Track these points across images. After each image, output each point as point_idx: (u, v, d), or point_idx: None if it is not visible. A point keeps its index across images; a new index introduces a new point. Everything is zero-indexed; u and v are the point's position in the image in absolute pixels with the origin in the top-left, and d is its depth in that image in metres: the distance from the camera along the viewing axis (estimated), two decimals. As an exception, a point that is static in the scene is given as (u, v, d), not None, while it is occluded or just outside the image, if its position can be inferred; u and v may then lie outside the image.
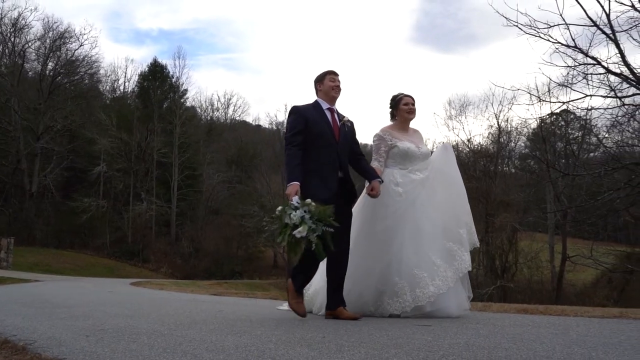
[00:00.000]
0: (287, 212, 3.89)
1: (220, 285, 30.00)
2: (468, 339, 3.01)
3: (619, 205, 13.93)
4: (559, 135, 27.84)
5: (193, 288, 16.04)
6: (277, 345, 2.85)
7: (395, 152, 4.75)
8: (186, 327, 3.74)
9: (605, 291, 23.79)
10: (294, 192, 4.08)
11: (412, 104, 4.90)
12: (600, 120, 14.93)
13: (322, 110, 4.48)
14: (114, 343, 2.95)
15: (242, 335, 3.27)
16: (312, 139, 4.31)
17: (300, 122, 4.34)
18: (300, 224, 3.81)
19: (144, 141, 43.89)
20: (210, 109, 57.63)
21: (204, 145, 47.93)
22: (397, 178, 4.65)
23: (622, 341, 2.93)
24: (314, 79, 4.65)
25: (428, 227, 4.48)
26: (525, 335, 3.19)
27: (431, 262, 4.36)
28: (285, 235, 3.87)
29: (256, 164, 46.40)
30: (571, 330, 3.45)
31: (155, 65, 47.55)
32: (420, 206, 4.53)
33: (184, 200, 44.14)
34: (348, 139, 4.53)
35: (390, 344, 2.88)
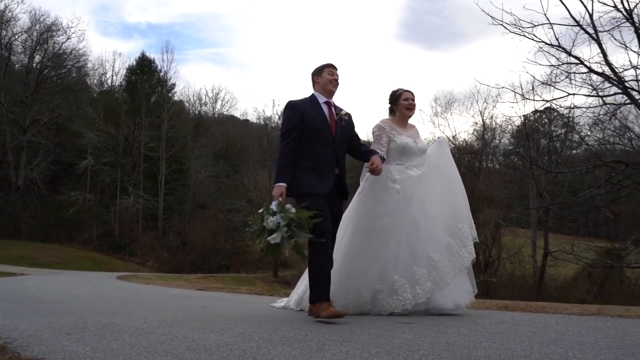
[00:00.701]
0: (264, 216, 3.89)
1: (206, 279, 29.99)
2: (448, 338, 3.04)
3: (599, 202, 14.13)
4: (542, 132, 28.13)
5: (179, 282, 16.04)
6: (259, 343, 2.87)
7: (393, 147, 4.66)
8: (169, 325, 3.74)
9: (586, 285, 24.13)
10: (279, 194, 4.03)
11: (412, 100, 4.83)
12: (582, 119, 15.16)
13: (319, 105, 4.36)
14: (95, 341, 2.94)
15: (225, 333, 3.28)
16: (308, 135, 4.21)
17: (295, 117, 4.23)
18: (275, 231, 3.80)
19: (132, 135, 43.53)
20: (198, 103, 57.38)
21: (192, 140, 47.63)
22: (394, 175, 4.55)
23: (599, 340, 2.98)
24: (312, 71, 4.52)
25: (425, 223, 4.41)
26: (504, 333, 3.23)
27: (428, 258, 4.30)
28: (262, 238, 3.87)
29: (243, 159, 46.28)
30: (550, 328, 3.50)
31: (143, 59, 47.18)
32: (417, 202, 4.46)
33: (171, 194, 43.91)
34: (345, 134, 4.41)
35: (371, 342, 2.90)
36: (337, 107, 4.46)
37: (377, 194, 4.52)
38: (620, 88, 12.54)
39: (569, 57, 12.65)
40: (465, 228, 4.53)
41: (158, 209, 43.22)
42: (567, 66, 12.80)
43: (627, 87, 12.45)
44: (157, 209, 43.30)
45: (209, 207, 45.65)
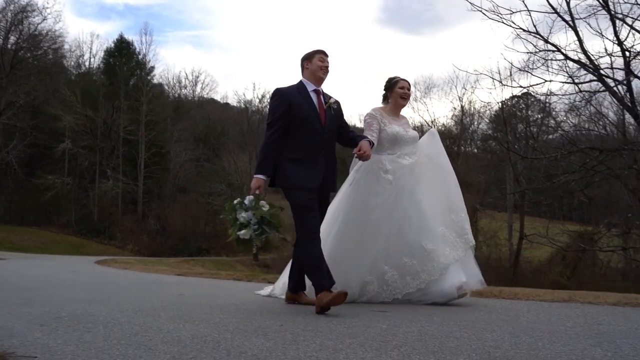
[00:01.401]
0: (237, 210, 3.93)
1: (187, 263, 29.96)
2: (422, 327, 3.07)
3: (574, 187, 14.37)
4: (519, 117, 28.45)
5: (159, 267, 15.95)
6: (233, 334, 2.87)
7: (384, 136, 4.56)
8: (144, 314, 3.72)
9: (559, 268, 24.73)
10: (256, 187, 3.98)
11: (407, 89, 4.74)
12: (559, 105, 15.36)
13: (307, 93, 4.19)
14: (68, 333, 2.92)
15: (200, 323, 3.28)
16: (296, 124, 4.06)
17: (283, 106, 4.08)
18: (245, 227, 3.84)
19: (110, 118, 43.00)
20: (177, 86, 56.90)
21: (172, 123, 47.22)
22: (386, 165, 4.47)
23: (568, 329, 3.03)
24: (302, 56, 4.35)
25: (417, 213, 4.35)
26: (477, 322, 3.27)
27: (421, 248, 4.24)
28: (233, 231, 3.93)
29: (224, 142, 46.07)
30: (521, 316, 3.56)
31: (121, 41, 46.48)
32: (409, 193, 4.40)
33: (150, 178, 43.59)
34: (335, 122, 4.25)
35: (345, 333, 2.92)
36: (325, 94, 4.31)
37: (369, 185, 4.44)
38: (596, 75, 12.70)
39: (546, 44, 12.75)
40: (460, 218, 4.47)
41: (137, 193, 42.90)
42: (544, 53, 12.90)
43: (602, 74, 12.60)
44: (136, 193, 42.98)
45: (189, 191, 45.49)
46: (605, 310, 3.90)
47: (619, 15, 12.26)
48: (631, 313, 3.73)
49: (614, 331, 2.96)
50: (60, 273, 10.65)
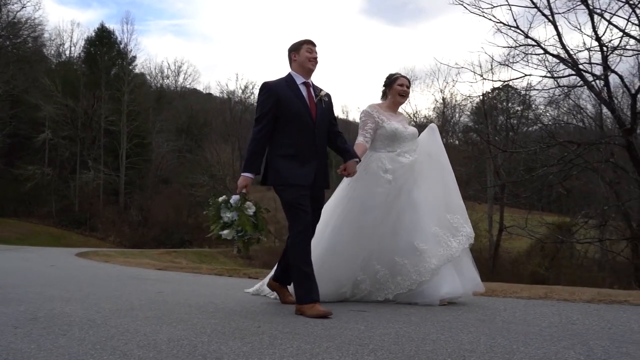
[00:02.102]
0: (222, 208, 3.81)
1: (169, 255, 29.84)
2: (399, 329, 3.09)
3: (552, 180, 14.59)
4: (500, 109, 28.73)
5: (140, 260, 15.85)
6: (210, 337, 2.86)
7: (382, 133, 4.44)
8: (122, 315, 3.70)
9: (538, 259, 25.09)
10: (243, 186, 3.84)
11: (407, 86, 4.65)
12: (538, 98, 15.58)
13: (297, 86, 4.01)
14: (43, 337, 2.89)
15: (178, 325, 3.26)
16: (286, 120, 3.90)
17: (271, 100, 3.90)
18: (228, 227, 3.74)
19: (91, 108, 42.49)
20: (160, 76, 56.46)
21: (154, 114, 46.86)
22: (386, 164, 4.35)
23: (543, 329, 3.07)
24: (289, 47, 4.15)
25: (411, 213, 4.27)
26: (454, 322, 3.30)
27: (413, 248, 4.16)
28: (215, 229, 3.82)
29: (206, 133, 45.81)
30: (498, 315, 3.58)
31: (102, 30, 45.92)
32: (406, 193, 4.31)
33: (132, 169, 43.28)
34: (326, 116, 4.09)
35: (323, 335, 2.93)
36: (315, 87, 4.14)
37: (368, 185, 4.32)
38: (574, 70, 12.88)
39: (526, 39, 12.90)
40: (457, 219, 4.38)
41: (119, 184, 42.59)
42: (525, 47, 13.06)
43: (580, 69, 12.78)
44: (118, 184, 42.67)
45: (171, 182, 45.28)
46: (580, 308, 3.95)
47: (597, 10, 12.43)
48: (604, 311, 3.78)
49: (588, 331, 3.00)
50: (39, 267, 10.53)
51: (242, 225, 3.75)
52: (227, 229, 3.74)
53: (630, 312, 3.73)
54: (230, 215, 3.74)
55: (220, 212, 3.80)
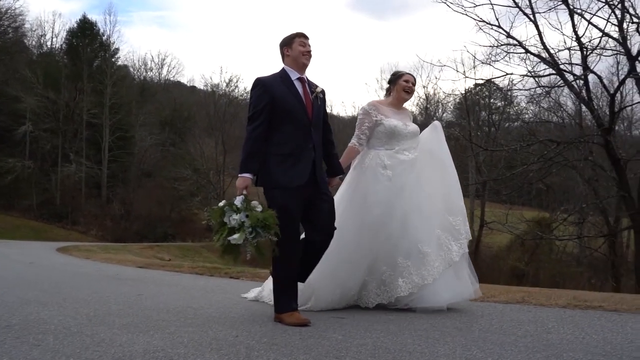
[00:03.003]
0: (226, 212, 3.50)
1: (151, 249, 29.68)
2: (376, 339, 3.10)
3: (532, 178, 14.80)
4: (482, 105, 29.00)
5: (122, 256, 15.74)
6: (187, 349, 2.84)
7: (381, 130, 4.35)
8: (99, 322, 3.66)
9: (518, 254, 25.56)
10: (243, 187, 3.61)
11: (412, 83, 4.54)
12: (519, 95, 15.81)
13: (291, 82, 3.85)
14: (16, 348, 2.84)
15: (155, 334, 3.24)
16: (280, 117, 3.75)
17: (265, 97, 3.74)
18: (238, 230, 3.43)
19: (73, 101, 41.96)
20: (143, 68, 55.79)
21: (137, 107, 46.36)
22: (384, 161, 4.27)
23: (519, 339, 3.10)
24: (280, 42, 3.99)
25: (417, 214, 4.20)
26: (431, 332, 3.30)
27: (417, 251, 4.09)
28: (220, 236, 3.48)
29: (190, 127, 45.50)
30: (475, 323, 3.61)
31: (84, 21, 45.16)
32: (409, 191, 4.23)
33: (115, 162, 42.81)
34: (321, 114, 3.97)
35: (300, 346, 2.92)
36: (311, 82, 3.99)
37: (367, 183, 4.26)
38: (555, 69, 13.03)
39: (508, 38, 13.03)
40: (458, 221, 4.31)
41: (101, 177, 42.17)
42: (506, 46, 13.20)
43: (561, 69, 12.94)
44: (100, 177, 42.25)
45: (154, 176, 44.94)
46: (556, 314, 4.00)
47: (577, 10, 12.59)
48: (579, 318, 3.84)
49: (562, 342, 3.03)
50: (17, 265, 10.41)
51: (254, 225, 3.44)
52: (237, 232, 3.43)
53: (604, 319, 3.78)
54: (238, 217, 3.45)
55: (225, 217, 3.50)
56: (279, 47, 4.00)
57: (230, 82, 49.21)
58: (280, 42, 4.00)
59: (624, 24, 12.59)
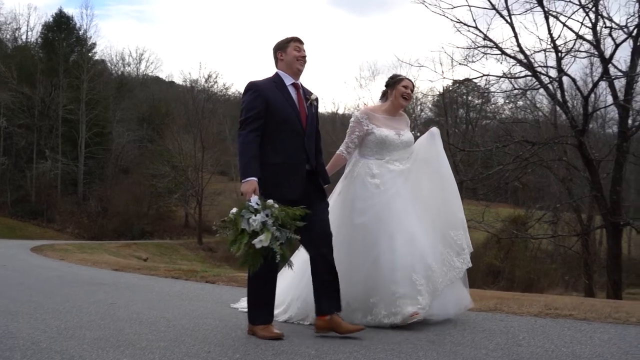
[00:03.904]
0: (244, 216, 3.23)
1: (128, 247, 29.41)
2: (349, 354, 3.08)
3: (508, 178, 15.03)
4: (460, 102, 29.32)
5: (97, 256, 15.55)
6: (157, 367, 2.82)
7: (372, 139, 4.18)
8: (69, 335, 3.61)
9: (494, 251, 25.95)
10: (252, 190, 3.39)
11: (411, 89, 4.33)
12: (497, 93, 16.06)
13: (286, 88, 3.73)
14: (-18, 369, 2.81)
15: (125, 349, 3.20)
16: (274, 125, 3.61)
17: (259, 102, 3.59)
18: (262, 231, 3.20)
19: (48, 96, 41.31)
20: (121, 63, 55.24)
21: (114, 102, 45.78)
22: (372, 169, 4.11)
23: (490, 352, 3.12)
24: (274, 46, 3.85)
25: (418, 226, 3.99)
26: (403, 345, 3.29)
27: (427, 266, 3.89)
28: (241, 244, 3.21)
29: (168, 123, 45.09)
30: (447, 335, 3.58)
31: (60, 15, 44.48)
32: (405, 199, 4.04)
33: (91, 159, 42.27)
34: (315, 122, 3.84)
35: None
36: (305, 89, 3.86)
37: (356, 190, 4.11)
38: (530, 71, 13.23)
39: (485, 40, 13.19)
40: (459, 235, 4.15)
41: (78, 174, 41.63)
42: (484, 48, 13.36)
43: (536, 70, 13.14)
44: (76, 174, 41.70)
45: (132, 172, 44.52)
46: (527, 324, 4.04)
47: (552, 12, 12.79)
48: (550, 328, 3.89)
49: (532, 355, 3.07)
50: (-10, 267, 10.22)
51: (281, 221, 3.25)
52: (262, 233, 3.19)
53: (574, 329, 3.84)
54: (260, 217, 3.21)
55: (242, 223, 3.24)
56: (273, 51, 3.87)
57: (210, 78, 48.92)
58: (274, 46, 3.87)
59: (598, 27, 12.82)
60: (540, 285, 25.81)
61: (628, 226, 14.08)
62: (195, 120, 42.91)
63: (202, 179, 41.35)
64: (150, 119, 49.23)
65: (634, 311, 4.47)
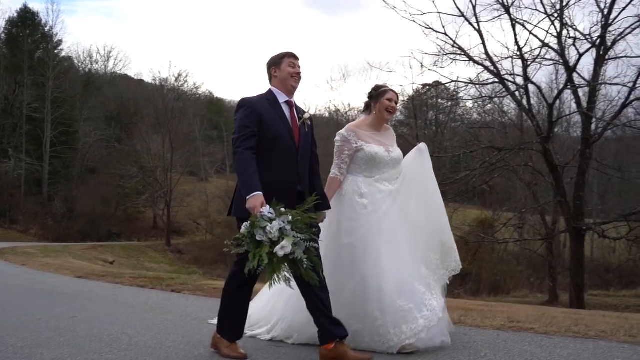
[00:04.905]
0: (260, 226, 3.05)
1: (95, 250, 28.88)
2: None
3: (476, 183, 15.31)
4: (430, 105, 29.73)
5: (61, 261, 15.19)
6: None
7: (361, 156, 4.01)
8: (26, 355, 3.53)
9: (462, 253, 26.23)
10: (259, 203, 3.22)
11: (395, 102, 4.18)
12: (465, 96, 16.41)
13: (279, 105, 3.61)
14: None
15: (83, 372, 3.14)
16: (266, 143, 3.49)
17: (253, 119, 3.47)
18: (281, 238, 3.02)
19: (12, 94, 40.28)
20: (88, 61, 54.25)
21: (81, 100, 44.87)
22: (361, 188, 3.94)
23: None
24: (268, 61, 3.73)
25: (406, 249, 3.84)
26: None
27: (415, 290, 3.71)
28: (262, 256, 2.99)
29: (137, 122, 44.46)
30: (410, 354, 3.56)
31: (25, 11, 43.23)
32: (394, 220, 3.88)
33: (57, 158, 41.25)
34: (309, 141, 3.70)
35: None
36: (298, 107, 3.74)
37: (343, 209, 3.94)
38: (498, 79, 13.48)
39: (453, 47, 13.37)
40: (446, 260, 4.00)
41: (42, 174, 40.60)
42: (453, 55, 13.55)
43: (503, 78, 13.39)
44: (41, 174, 40.65)
45: (99, 173, 43.68)
46: (489, 338, 4.09)
47: (519, 20, 13.06)
48: (511, 343, 3.94)
49: (491, 374, 3.11)
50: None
51: (301, 223, 3.10)
52: (282, 240, 3.01)
53: (534, 344, 3.90)
54: (277, 224, 3.04)
55: (257, 235, 3.05)
56: (266, 67, 3.75)
57: (180, 77, 48.49)
58: (267, 62, 3.75)
59: (563, 36, 13.11)
60: (506, 287, 26.25)
61: (590, 231, 14.41)
62: (165, 119, 42.42)
63: (171, 180, 40.89)
64: (119, 118, 48.48)
65: (592, 324, 4.57)
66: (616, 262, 26.09)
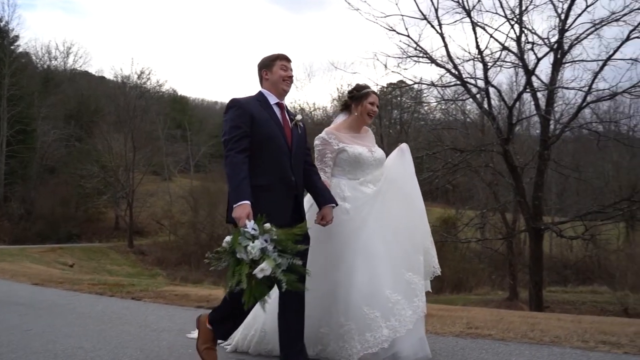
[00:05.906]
0: (240, 244, 2.94)
1: (53, 252, 28.27)
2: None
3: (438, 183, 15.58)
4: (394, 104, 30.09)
5: (18, 266, 14.81)
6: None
7: (344, 158, 3.90)
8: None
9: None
10: (246, 215, 3.09)
11: (377, 105, 4.06)
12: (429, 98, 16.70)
13: (270, 106, 3.54)
14: None
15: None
16: (258, 144, 3.38)
17: (244, 120, 3.36)
18: (262, 259, 2.92)
19: (-34, 92, 39.01)
20: (47, 57, 52.76)
21: (39, 98, 43.70)
22: (344, 191, 3.84)
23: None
24: (259, 63, 3.65)
25: (382, 254, 3.68)
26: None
27: (385, 298, 3.55)
28: (241, 276, 2.89)
29: (98, 121, 43.57)
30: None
31: (-22, 5, 42.05)
32: (372, 227, 3.74)
33: (14, 158, 40.11)
34: (302, 144, 3.63)
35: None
36: (289, 111, 3.71)
37: None
38: (459, 81, 13.69)
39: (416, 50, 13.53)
40: (428, 261, 3.90)
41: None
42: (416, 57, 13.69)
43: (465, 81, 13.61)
44: (-3, 174, 39.54)
45: (58, 172, 42.75)
46: (448, 346, 4.14)
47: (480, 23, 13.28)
48: (470, 349, 4.00)
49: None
50: None
51: (284, 244, 3.00)
52: (263, 261, 2.90)
53: (491, 351, 3.97)
54: (258, 244, 2.93)
55: (237, 253, 2.95)
56: (258, 68, 3.67)
57: (142, 74, 47.69)
58: (258, 64, 3.67)
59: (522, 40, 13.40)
60: (469, 285, 26.75)
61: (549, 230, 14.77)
62: (127, 118, 41.73)
63: (133, 180, 40.26)
64: (79, 116, 47.46)
65: (548, 329, 4.68)
66: (573, 259, 26.90)
